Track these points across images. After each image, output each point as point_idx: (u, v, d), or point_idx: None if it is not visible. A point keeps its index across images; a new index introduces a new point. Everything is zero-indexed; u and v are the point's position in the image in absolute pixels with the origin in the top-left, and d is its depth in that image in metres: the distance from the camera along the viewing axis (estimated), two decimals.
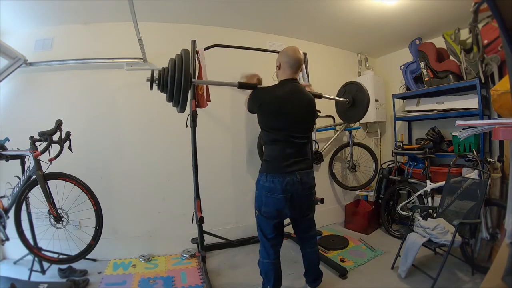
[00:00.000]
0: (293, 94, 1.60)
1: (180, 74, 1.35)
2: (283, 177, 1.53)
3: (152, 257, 2.47)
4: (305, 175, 1.59)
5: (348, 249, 2.60)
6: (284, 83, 1.64)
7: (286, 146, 1.56)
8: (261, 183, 1.59)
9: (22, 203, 1.97)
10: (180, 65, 1.36)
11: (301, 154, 1.60)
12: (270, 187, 1.55)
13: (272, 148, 1.60)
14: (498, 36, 2.24)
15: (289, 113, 1.56)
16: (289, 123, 1.56)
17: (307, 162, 1.63)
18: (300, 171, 1.56)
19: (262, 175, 1.60)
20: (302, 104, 1.62)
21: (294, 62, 1.63)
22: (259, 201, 1.63)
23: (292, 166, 1.55)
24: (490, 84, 2.46)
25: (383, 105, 3.51)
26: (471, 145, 2.50)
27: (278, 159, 1.56)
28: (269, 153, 1.62)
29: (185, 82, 1.37)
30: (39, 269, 2.07)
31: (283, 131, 1.56)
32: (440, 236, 1.91)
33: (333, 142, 3.19)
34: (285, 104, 1.55)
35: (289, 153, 1.56)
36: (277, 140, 1.58)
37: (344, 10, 2.55)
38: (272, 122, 1.58)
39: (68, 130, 2.10)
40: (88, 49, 2.49)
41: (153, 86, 1.43)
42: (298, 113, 1.59)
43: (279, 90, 1.60)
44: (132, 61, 2.54)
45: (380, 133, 3.66)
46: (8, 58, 2.26)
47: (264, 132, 1.65)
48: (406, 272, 2.01)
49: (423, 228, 2.04)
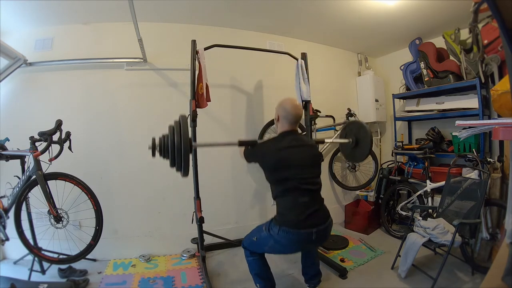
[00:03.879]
0: (294, 145, 1.56)
1: (180, 141, 1.40)
2: (298, 235, 1.45)
3: (152, 257, 2.47)
4: (322, 231, 1.48)
5: (348, 249, 2.60)
6: (284, 136, 1.60)
7: (298, 195, 1.48)
8: (273, 235, 1.49)
9: (22, 203, 1.97)
10: (179, 132, 1.41)
11: (315, 202, 1.52)
12: (282, 242, 1.47)
13: (284, 199, 1.52)
14: (498, 36, 2.24)
15: (294, 163, 1.51)
16: (297, 172, 1.50)
17: (323, 212, 1.54)
18: (317, 228, 1.46)
19: (275, 227, 1.49)
20: (305, 152, 1.58)
21: (292, 118, 1.59)
22: (265, 243, 1.56)
23: (307, 220, 1.45)
24: (490, 84, 2.46)
25: (383, 105, 3.51)
26: (471, 145, 2.50)
27: (292, 210, 1.47)
28: (282, 205, 1.53)
29: (186, 149, 1.40)
30: (39, 269, 2.07)
31: (292, 180, 1.49)
32: (440, 236, 1.91)
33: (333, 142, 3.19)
34: (288, 155, 1.52)
35: (302, 202, 1.47)
36: (288, 190, 1.50)
37: (344, 10, 2.55)
38: (279, 174, 1.52)
39: (68, 130, 2.10)
40: (88, 49, 2.49)
41: (155, 153, 1.48)
42: (304, 161, 1.54)
43: (280, 144, 1.56)
44: (132, 61, 2.54)
45: (380, 133, 3.66)
46: (8, 58, 2.26)
47: (273, 186, 1.58)
48: (406, 272, 2.01)
49: (423, 228, 2.04)
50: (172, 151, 1.42)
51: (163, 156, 1.50)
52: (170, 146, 1.43)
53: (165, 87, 2.65)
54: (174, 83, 2.67)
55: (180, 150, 1.40)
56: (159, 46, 2.61)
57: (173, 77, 2.67)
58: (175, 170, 1.47)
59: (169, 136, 1.46)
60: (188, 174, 1.49)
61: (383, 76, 3.68)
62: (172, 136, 1.43)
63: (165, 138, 1.48)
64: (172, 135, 1.43)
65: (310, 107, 2.49)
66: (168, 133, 1.48)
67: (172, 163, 1.45)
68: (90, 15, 2.42)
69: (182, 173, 1.46)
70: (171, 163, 1.45)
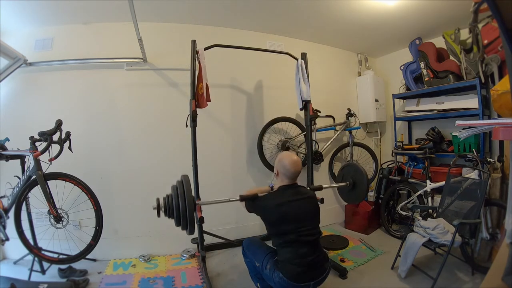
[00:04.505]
0: (293, 197, 1.59)
1: (184, 201, 1.47)
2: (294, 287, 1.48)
3: (152, 257, 2.47)
4: (320, 282, 1.53)
5: (348, 249, 2.60)
6: (284, 190, 1.63)
7: (297, 247, 1.51)
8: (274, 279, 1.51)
9: (22, 203, 1.98)
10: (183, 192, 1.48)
11: (314, 251, 1.55)
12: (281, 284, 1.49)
13: (284, 251, 1.54)
14: (498, 36, 2.24)
15: (294, 218, 1.54)
16: (297, 226, 1.53)
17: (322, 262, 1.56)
18: (315, 281, 1.50)
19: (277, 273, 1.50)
20: (305, 206, 1.61)
21: (291, 174, 1.62)
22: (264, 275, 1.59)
23: (306, 273, 1.49)
24: (490, 84, 2.46)
25: (383, 105, 3.51)
26: (471, 145, 2.50)
27: (291, 262, 1.49)
28: (282, 255, 1.55)
29: (190, 208, 1.47)
30: (39, 269, 2.07)
31: (292, 234, 1.52)
32: (440, 236, 1.91)
33: (333, 142, 3.20)
34: (288, 210, 1.54)
35: (302, 253, 1.50)
36: (288, 242, 1.53)
37: (344, 10, 2.55)
38: (279, 228, 1.54)
39: (68, 130, 2.10)
40: (88, 49, 2.49)
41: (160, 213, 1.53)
42: (303, 214, 1.57)
43: (279, 198, 1.59)
44: (132, 61, 2.54)
45: (380, 133, 3.66)
46: (8, 58, 2.26)
47: (274, 238, 1.61)
48: (406, 272, 2.01)
49: (423, 228, 2.04)
50: (177, 211, 1.49)
51: (168, 216, 1.56)
52: (175, 208, 1.50)
53: (165, 87, 2.65)
54: (174, 83, 2.67)
55: (186, 211, 1.46)
56: (159, 46, 2.61)
57: (173, 77, 2.66)
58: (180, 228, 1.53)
59: (173, 197, 1.52)
60: (194, 232, 1.54)
61: (383, 76, 3.68)
62: (177, 198, 1.50)
63: (169, 199, 1.56)
64: (176, 196, 1.50)
65: (310, 107, 2.49)
66: (172, 194, 1.54)
67: (178, 223, 1.51)
68: (90, 15, 2.42)
69: (188, 232, 1.53)
70: (176, 222, 1.51)
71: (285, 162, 1.62)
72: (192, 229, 1.51)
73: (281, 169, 1.64)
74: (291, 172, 1.61)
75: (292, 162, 1.62)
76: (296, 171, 1.63)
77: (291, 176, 1.62)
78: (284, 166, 1.62)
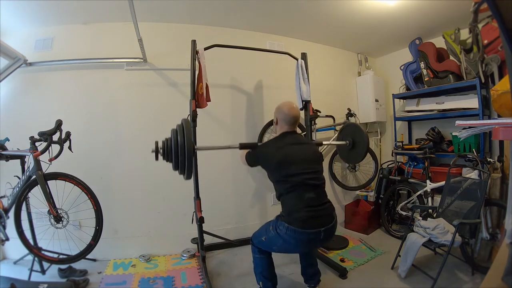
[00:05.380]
0: (295, 143, 1.60)
1: (183, 144, 1.41)
2: (307, 235, 1.44)
3: (152, 257, 2.47)
4: (330, 229, 1.49)
5: (348, 249, 2.60)
6: (284, 136, 1.64)
7: (303, 191, 1.48)
8: (281, 234, 1.48)
9: (22, 203, 1.97)
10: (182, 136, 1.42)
11: (321, 198, 1.53)
12: (290, 242, 1.47)
13: (290, 196, 1.51)
14: (498, 36, 2.24)
15: (297, 159, 1.53)
16: (301, 167, 1.51)
17: (330, 209, 1.54)
18: (325, 227, 1.46)
19: (283, 224, 1.47)
20: (306, 150, 1.62)
21: (290, 119, 1.64)
22: (274, 242, 1.55)
23: (315, 219, 1.45)
24: (490, 84, 2.46)
25: (383, 105, 3.51)
26: (471, 145, 2.50)
27: (300, 209, 1.46)
28: (288, 203, 1.51)
29: (189, 152, 1.42)
30: (39, 269, 2.07)
31: (297, 176, 1.50)
32: (440, 236, 1.91)
33: None
34: (290, 153, 1.54)
35: (308, 198, 1.47)
36: (293, 187, 1.50)
37: (344, 10, 2.55)
38: (283, 171, 1.52)
39: (68, 130, 2.10)
40: (88, 49, 2.49)
41: (158, 156, 1.49)
42: (306, 158, 1.57)
43: (281, 142, 1.60)
44: (132, 61, 2.54)
45: (380, 133, 3.66)
46: (8, 58, 2.26)
47: (278, 185, 1.58)
48: (406, 272, 2.01)
49: (423, 228, 2.04)
50: (175, 154, 1.43)
51: (166, 159, 1.51)
52: (174, 149, 1.44)
53: (165, 87, 2.65)
54: (174, 83, 2.67)
55: (184, 154, 1.41)
56: (159, 46, 2.61)
57: (173, 77, 2.66)
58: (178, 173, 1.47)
59: (172, 140, 1.47)
60: (191, 177, 1.51)
61: (383, 76, 3.68)
62: (176, 140, 1.44)
63: (168, 142, 1.50)
64: (176, 138, 1.44)
65: (310, 107, 2.49)
66: (171, 137, 1.49)
67: (175, 166, 1.46)
68: (90, 15, 2.42)
69: (186, 176, 1.48)
70: (174, 166, 1.46)
71: (283, 108, 1.66)
72: (190, 173, 1.45)
73: (280, 115, 1.66)
74: (290, 116, 1.63)
75: (291, 107, 1.66)
76: (295, 115, 1.65)
77: (290, 120, 1.64)
78: (282, 111, 1.65)
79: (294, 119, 1.65)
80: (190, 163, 1.43)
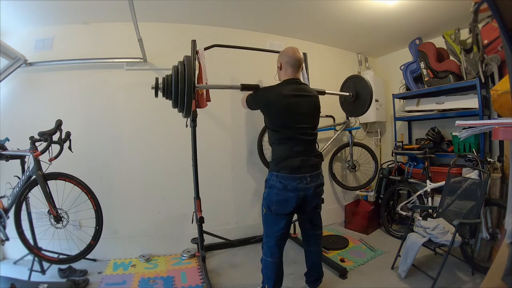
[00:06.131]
0: (297, 92, 1.61)
1: (184, 80, 1.37)
2: (293, 180, 1.54)
3: (152, 257, 2.47)
4: (315, 177, 1.60)
5: (348, 249, 2.60)
6: (287, 83, 1.65)
7: (294, 144, 1.57)
8: (272, 183, 1.59)
9: (22, 203, 1.97)
10: (183, 72, 1.39)
11: (309, 151, 1.61)
12: (281, 186, 1.55)
13: (280, 147, 1.60)
14: (498, 36, 2.24)
15: (295, 111, 1.57)
16: (296, 121, 1.57)
17: (316, 161, 1.63)
18: (310, 174, 1.57)
19: (272, 174, 1.59)
20: (307, 101, 1.64)
21: (294, 62, 1.65)
22: (269, 199, 1.61)
23: (302, 167, 1.55)
24: (490, 84, 2.46)
25: (383, 105, 3.51)
26: (471, 145, 2.50)
27: (287, 158, 1.55)
28: (278, 153, 1.61)
29: (189, 89, 1.40)
30: (39, 269, 2.07)
31: (290, 129, 1.57)
32: (440, 236, 1.91)
33: (333, 142, 3.19)
34: (290, 102, 1.56)
35: (297, 151, 1.56)
36: (285, 139, 1.58)
37: (344, 10, 2.55)
38: (280, 121, 1.58)
39: (68, 130, 2.10)
40: (88, 49, 2.49)
41: (158, 93, 1.46)
42: (304, 110, 1.61)
43: (283, 89, 1.61)
44: (132, 61, 2.54)
45: (380, 133, 3.66)
46: (8, 58, 2.26)
47: (271, 132, 1.65)
48: (406, 272, 2.01)
49: (423, 228, 2.04)
50: (175, 92, 1.41)
51: (165, 96, 1.49)
52: (174, 87, 1.41)
53: None
54: None
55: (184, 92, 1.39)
56: (159, 46, 2.61)
57: None
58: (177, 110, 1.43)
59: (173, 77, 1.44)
60: (190, 115, 1.48)
61: (383, 76, 3.68)
62: (176, 78, 1.41)
63: (169, 79, 1.47)
64: (177, 76, 1.41)
65: None
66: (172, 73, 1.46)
67: (175, 104, 1.44)
68: (90, 15, 2.42)
69: (184, 114, 1.46)
70: (174, 104, 1.44)
71: (287, 50, 1.68)
72: (189, 112, 1.45)
73: (284, 58, 1.67)
74: (294, 58, 1.64)
75: (295, 49, 1.67)
76: (299, 58, 1.66)
77: (294, 63, 1.65)
78: (286, 54, 1.67)
79: (299, 62, 1.66)
80: (190, 102, 1.42)
